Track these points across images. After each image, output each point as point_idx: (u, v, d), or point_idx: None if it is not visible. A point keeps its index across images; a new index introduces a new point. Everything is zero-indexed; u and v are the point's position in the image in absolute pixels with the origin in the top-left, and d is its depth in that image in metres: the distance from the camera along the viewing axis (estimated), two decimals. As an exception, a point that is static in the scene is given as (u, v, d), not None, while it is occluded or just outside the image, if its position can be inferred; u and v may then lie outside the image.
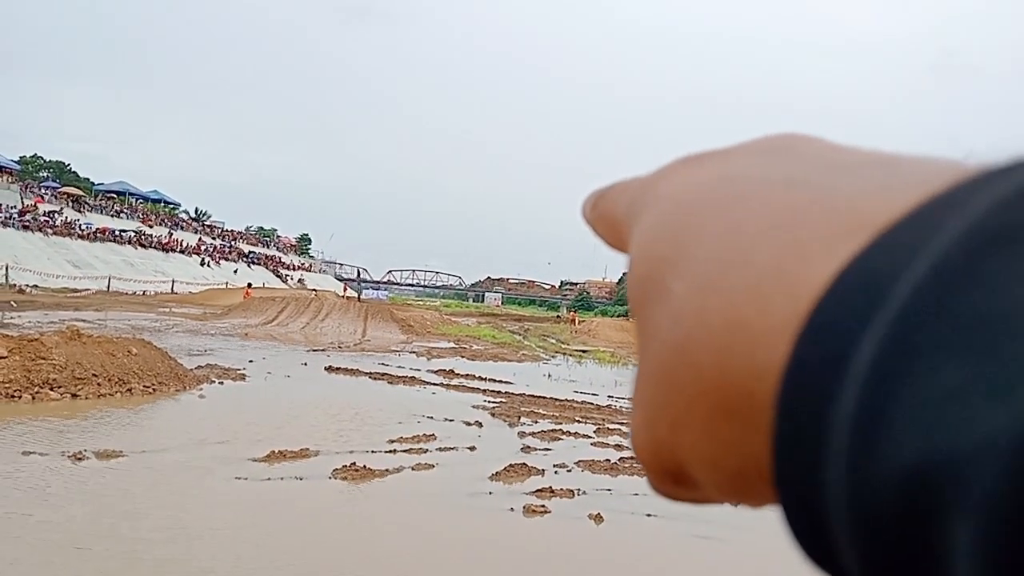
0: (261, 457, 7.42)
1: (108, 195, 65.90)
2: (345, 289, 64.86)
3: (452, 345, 25.33)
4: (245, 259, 70.81)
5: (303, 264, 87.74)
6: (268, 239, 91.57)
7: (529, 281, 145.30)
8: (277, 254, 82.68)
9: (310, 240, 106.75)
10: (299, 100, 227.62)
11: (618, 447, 9.50)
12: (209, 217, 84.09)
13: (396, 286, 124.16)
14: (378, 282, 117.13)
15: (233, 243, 74.35)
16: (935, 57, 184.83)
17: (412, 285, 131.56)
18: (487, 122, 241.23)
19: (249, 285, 45.41)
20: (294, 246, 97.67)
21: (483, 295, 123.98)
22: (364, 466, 7.29)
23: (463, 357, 21.39)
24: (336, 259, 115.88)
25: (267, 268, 71.82)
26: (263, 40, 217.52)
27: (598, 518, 6.34)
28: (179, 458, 7.30)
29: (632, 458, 8.28)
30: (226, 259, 66.71)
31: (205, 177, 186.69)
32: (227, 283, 51.91)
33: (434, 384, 14.51)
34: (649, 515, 6.65)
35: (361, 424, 9.66)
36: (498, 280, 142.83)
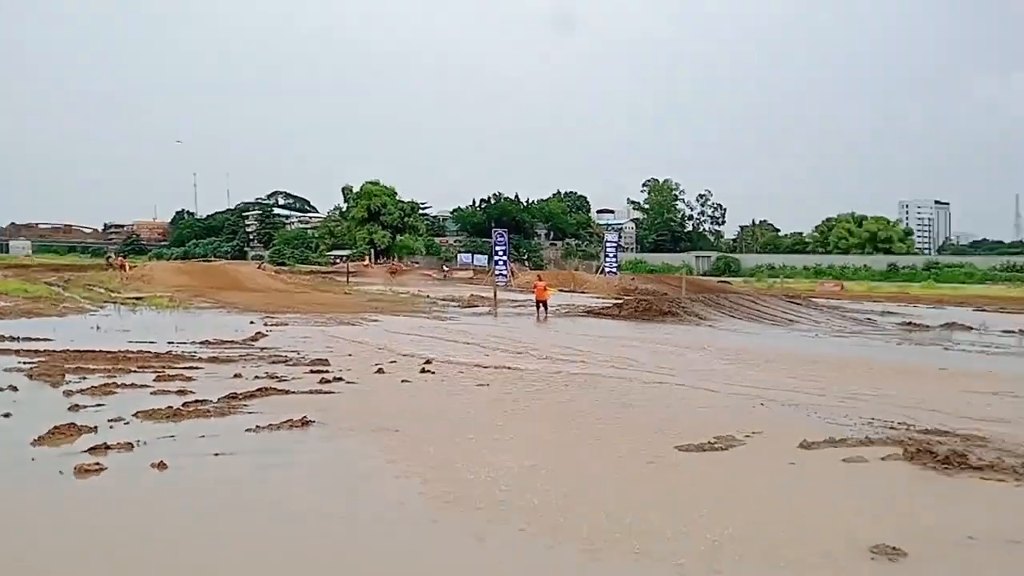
0: None
1: None
2: None
3: (-32, 304, 21.63)
4: None
5: None
6: None
7: (66, 226, 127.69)
8: None
9: None
10: None
11: (181, 392, 9.23)
12: None
13: None
14: None
15: None
16: (551, 8, 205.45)
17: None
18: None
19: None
20: None
21: (7, 244, 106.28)
22: None
23: (-15, 316, 18.50)
24: None
25: None
26: None
27: (161, 466, 6.18)
28: None
29: (197, 402, 8.22)
30: None
31: None
32: None
33: (-53, 351, 12.35)
34: (217, 454, 6.72)
35: None
36: (25, 226, 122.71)
